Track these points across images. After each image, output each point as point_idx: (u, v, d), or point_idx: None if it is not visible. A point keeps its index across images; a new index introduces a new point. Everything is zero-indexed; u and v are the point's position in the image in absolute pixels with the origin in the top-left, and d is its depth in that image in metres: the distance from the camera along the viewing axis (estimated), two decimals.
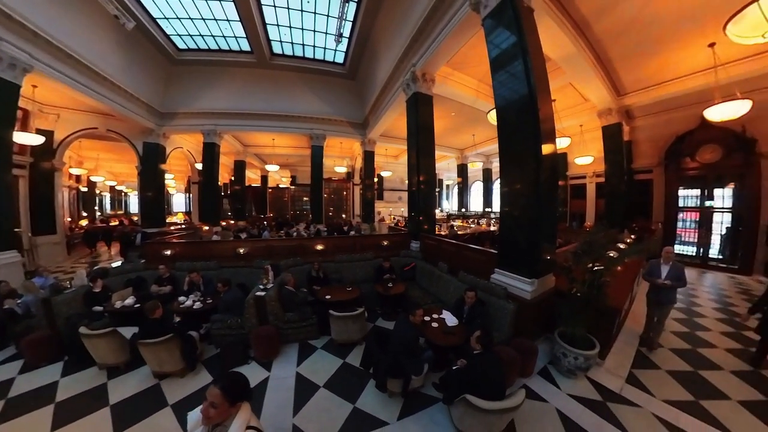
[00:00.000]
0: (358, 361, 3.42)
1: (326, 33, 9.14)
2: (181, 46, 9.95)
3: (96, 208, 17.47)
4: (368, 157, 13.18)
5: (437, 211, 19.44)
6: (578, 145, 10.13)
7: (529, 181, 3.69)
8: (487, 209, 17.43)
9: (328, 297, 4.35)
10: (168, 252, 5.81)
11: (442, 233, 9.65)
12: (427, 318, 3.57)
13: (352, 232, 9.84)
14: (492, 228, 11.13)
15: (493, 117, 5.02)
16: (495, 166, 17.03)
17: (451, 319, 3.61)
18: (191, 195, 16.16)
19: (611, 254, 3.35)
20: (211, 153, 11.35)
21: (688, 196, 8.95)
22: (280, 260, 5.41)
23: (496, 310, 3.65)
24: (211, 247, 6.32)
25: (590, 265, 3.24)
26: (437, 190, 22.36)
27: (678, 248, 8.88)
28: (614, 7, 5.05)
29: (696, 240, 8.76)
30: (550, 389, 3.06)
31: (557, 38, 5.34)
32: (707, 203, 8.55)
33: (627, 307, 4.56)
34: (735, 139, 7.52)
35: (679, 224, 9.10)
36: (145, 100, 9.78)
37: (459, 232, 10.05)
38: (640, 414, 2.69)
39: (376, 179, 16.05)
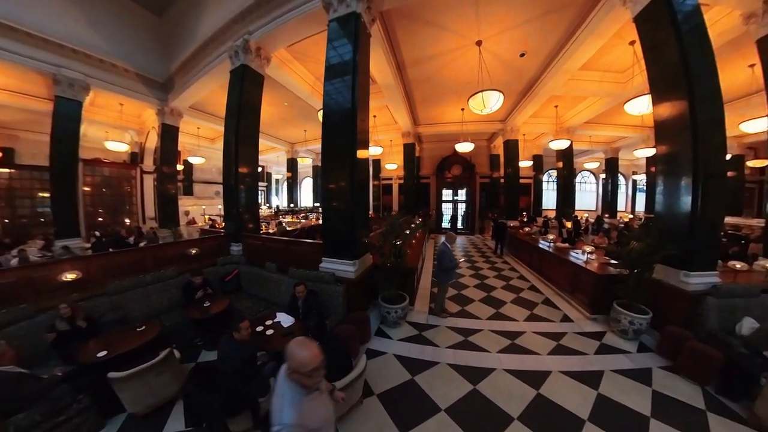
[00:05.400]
0: (183, 422, 2.50)
1: None
2: None
3: None
4: (168, 133, 9.27)
5: (265, 207, 17.98)
6: (389, 155, 13.17)
7: (346, 178, 4.14)
8: (316, 204, 18.13)
9: (102, 354, 2.78)
10: None
11: (271, 231, 9.09)
12: (259, 328, 3.21)
13: (143, 243, 7.06)
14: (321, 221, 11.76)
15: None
16: None
17: (286, 320, 3.40)
18: None
19: (407, 231, 4.70)
20: None
21: (447, 193, 15.10)
22: None
23: (328, 296, 3.86)
24: None
25: (395, 241, 4.33)
26: (265, 184, 20.65)
27: (444, 225, 14.95)
28: (421, 64, 6.99)
29: (450, 219, 15.37)
30: (386, 342, 3.76)
31: (383, 67, 6.42)
32: (455, 198, 15.02)
33: (420, 265, 6.43)
34: (467, 163, 13.78)
35: (444, 210, 15.22)
36: None
37: (289, 228, 9.79)
38: (439, 330, 4.06)
39: (181, 166, 12.35)
